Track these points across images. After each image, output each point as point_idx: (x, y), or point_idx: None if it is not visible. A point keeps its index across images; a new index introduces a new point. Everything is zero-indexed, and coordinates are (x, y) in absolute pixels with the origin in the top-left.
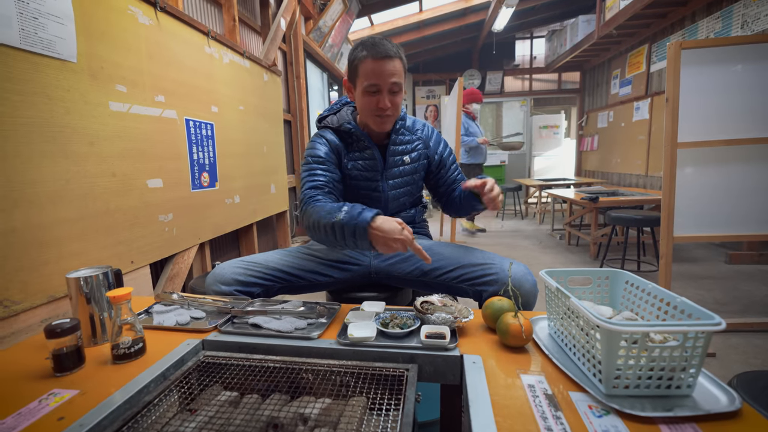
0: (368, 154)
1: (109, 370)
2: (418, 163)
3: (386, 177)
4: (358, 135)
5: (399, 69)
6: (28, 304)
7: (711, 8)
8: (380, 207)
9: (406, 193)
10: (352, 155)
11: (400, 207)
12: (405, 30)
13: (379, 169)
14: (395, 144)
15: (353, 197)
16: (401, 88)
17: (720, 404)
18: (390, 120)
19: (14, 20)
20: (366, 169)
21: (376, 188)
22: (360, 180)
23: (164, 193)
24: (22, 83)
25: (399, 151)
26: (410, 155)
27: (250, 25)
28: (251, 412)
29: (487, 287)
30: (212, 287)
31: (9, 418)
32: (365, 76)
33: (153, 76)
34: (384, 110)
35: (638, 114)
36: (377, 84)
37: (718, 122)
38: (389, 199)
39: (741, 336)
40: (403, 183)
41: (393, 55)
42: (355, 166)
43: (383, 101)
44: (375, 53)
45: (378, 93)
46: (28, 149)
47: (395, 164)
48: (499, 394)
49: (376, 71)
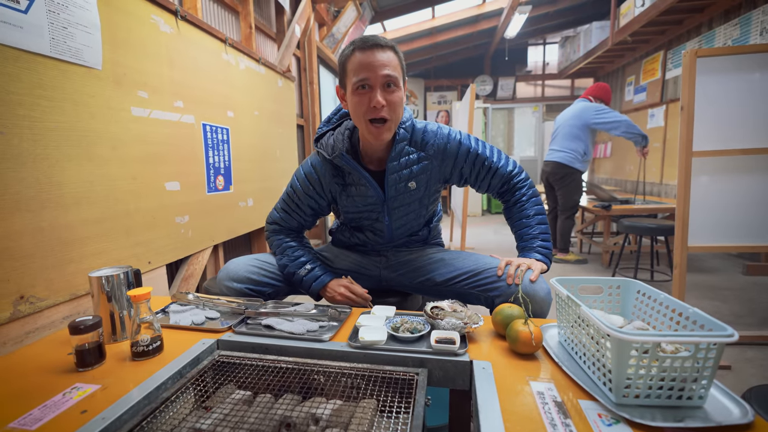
0: (363, 190)
1: (128, 367)
2: (427, 187)
3: (389, 208)
4: (351, 168)
5: (393, 61)
6: (52, 301)
7: (729, 15)
8: (383, 236)
9: (414, 218)
10: (348, 190)
11: (409, 231)
12: (417, 36)
13: (378, 202)
14: (395, 171)
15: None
16: (398, 84)
17: (732, 416)
18: (387, 127)
19: (45, 30)
20: (364, 204)
21: (378, 219)
22: (359, 212)
23: (181, 196)
24: (51, 89)
25: (402, 177)
26: (416, 179)
27: (266, 32)
28: (264, 411)
29: (499, 295)
30: (224, 283)
31: (35, 409)
32: (354, 72)
33: (173, 82)
34: (377, 109)
35: (653, 121)
36: (366, 78)
37: (734, 131)
38: (394, 228)
39: (758, 349)
40: (410, 211)
41: (383, 45)
42: (352, 203)
43: (375, 98)
44: (362, 45)
45: (369, 90)
46: (56, 152)
47: (398, 192)
48: (508, 401)
49: (364, 63)
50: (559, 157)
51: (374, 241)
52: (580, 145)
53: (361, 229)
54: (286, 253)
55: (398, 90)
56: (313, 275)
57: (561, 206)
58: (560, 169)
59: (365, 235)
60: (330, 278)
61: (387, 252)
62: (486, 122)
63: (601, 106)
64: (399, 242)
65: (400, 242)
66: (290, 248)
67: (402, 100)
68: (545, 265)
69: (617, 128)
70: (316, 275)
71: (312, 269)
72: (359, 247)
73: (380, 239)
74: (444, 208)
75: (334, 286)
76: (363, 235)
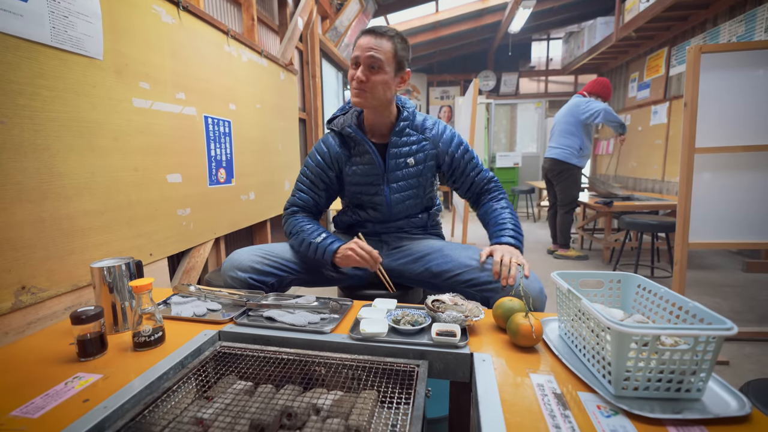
0: (367, 158)
1: (130, 357)
2: (424, 165)
3: (388, 180)
4: (357, 139)
5: (384, 46)
6: (54, 291)
7: (734, 11)
8: (383, 212)
9: (411, 196)
10: (353, 160)
11: (407, 211)
12: (421, 30)
13: (379, 173)
14: (396, 146)
15: (356, 201)
16: (381, 65)
17: (730, 408)
18: (364, 97)
19: (46, 19)
20: (366, 174)
21: (378, 192)
22: (361, 185)
23: (183, 188)
24: (52, 79)
25: (402, 153)
26: (415, 156)
27: (269, 25)
28: (266, 401)
29: (494, 294)
30: (228, 273)
31: (38, 398)
32: (354, 51)
33: (174, 73)
34: (357, 82)
35: (656, 118)
36: (357, 56)
37: (737, 128)
38: (392, 203)
39: (756, 345)
40: (408, 186)
41: (381, 33)
42: (354, 172)
43: (356, 73)
44: (366, 30)
45: (357, 66)
46: (57, 143)
47: (398, 167)
48: (508, 392)
49: (359, 44)
50: (556, 153)
51: (375, 218)
52: (575, 141)
53: (362, 206)
54: (303, 229)
55: (381, 71)
56: (327, 242)
57: (560, 201)
58: (557, 166)
59: (366, 212)
60: (342, 243)
61: (388, 238)
62: (489, 118)
63: (588, 100)
64: (398, 224)
65: (400, 225)
66: (307, 225)
67: (384, 82)
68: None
69: (598, 116)
70: (331, 241)
71: (326, 237)
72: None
73: (380, 215)
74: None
75: (346, 245)
76: (365, 213)
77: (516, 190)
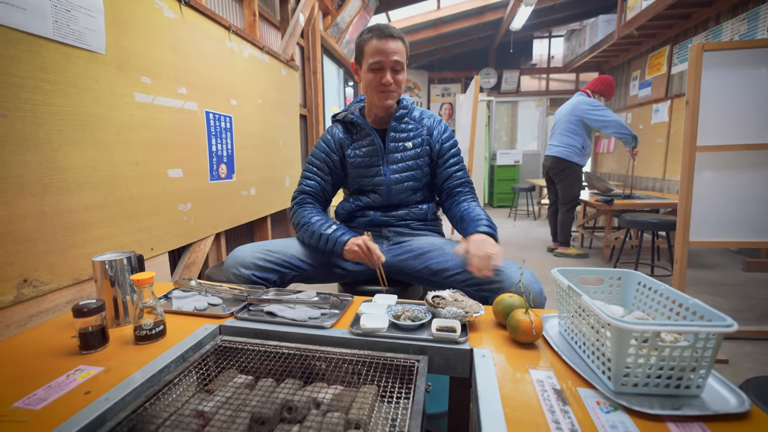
0: (368, 140)
1: (131, 350)
2: (421, 149)
3: (387, 162)
4: (359, 123)
5: (401, 49)
6: (55, 285)
7: (736, 10)
8: (384, 194)
9: (410, 178)
10: (355, 144)
11: (407, 196)
12: (422, 27)
13: (379, 154)
14: (396, 131)
15: (357, 185)
16: (403, 67)
17: (729, 405)
18: (393, 96)
19: (48, 12)
20: (367, 155)
21: (378, 173)
22: (362, 167)
23: (184, 183)
24: (54, 73)
25: (400, 138)
26: (412, 141)
27: (270, 20)
28: (266, 395)
29: (492, 294)
30: (231, 269)
31: (40, 390)
32: (370, 55)
33: (176, 68)
34: (387, 86)
35: (657, 116)
36: (380, 61)
37: (739, 126)
38: (391, 183)
39: (755, 344)
40: (406, 168)
41: (396, 36)
42: (356, 154)
43: (386, 77)
44: (379, 34)
45: (381, 70)
46: (59, 137)
47: (396, 149)
48: (507, 387)
49: (380, 49)
50: (557, 151)
51: (376, 202)
52: (577, 140)
53: (363, 191)
54: (312, 221)
55: (403, 72)
56: (338, 233)
57: (561, 199)
58: (559, 164)
59: (368, 196)
60: (353, 235)
61: (389, 233)
62: (489, 115)
63: (596, 102)
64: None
65: (401, 214)
66: (316, 217)
67: (404, 79)
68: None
69: (608, 127)
70: (341, 233)
71: (336, 229)
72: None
73: (381, 197)
74: None
75: (354, 240)
76: (366, 197)
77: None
